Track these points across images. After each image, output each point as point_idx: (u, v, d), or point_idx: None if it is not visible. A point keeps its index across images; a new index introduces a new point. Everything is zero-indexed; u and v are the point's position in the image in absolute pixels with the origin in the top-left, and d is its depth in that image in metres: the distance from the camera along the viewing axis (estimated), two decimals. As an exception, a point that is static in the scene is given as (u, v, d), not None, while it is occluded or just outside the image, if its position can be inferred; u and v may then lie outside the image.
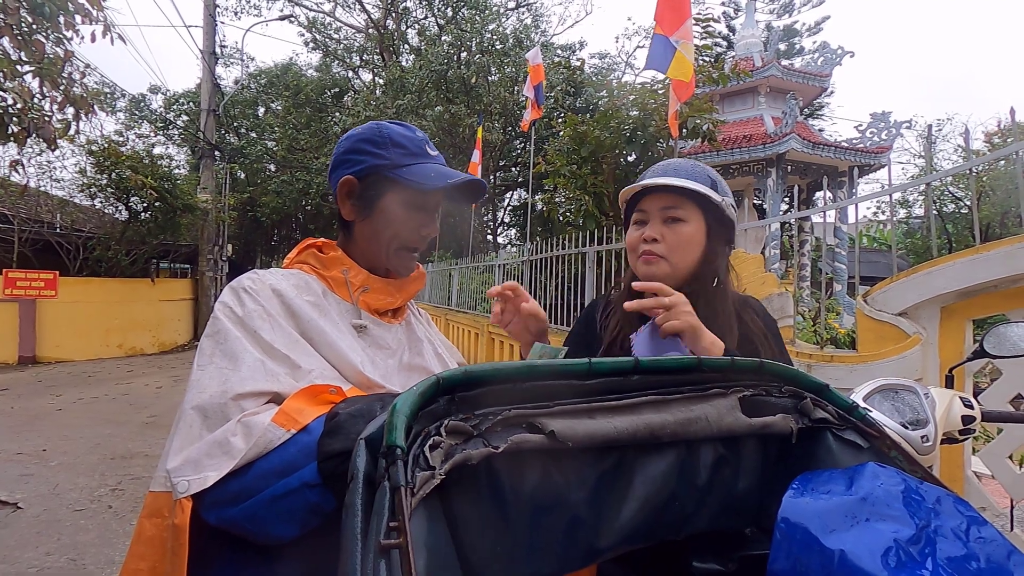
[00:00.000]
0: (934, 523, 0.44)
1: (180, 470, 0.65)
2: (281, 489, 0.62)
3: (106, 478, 4.14)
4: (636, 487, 0.54)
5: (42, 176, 10.75)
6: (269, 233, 20.55)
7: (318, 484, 0.61)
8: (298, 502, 0.61)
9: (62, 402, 6.64)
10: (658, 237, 1.06)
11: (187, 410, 0.69)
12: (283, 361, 0.74)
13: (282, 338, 0.76)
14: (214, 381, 0.70)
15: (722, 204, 1.06)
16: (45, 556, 2.95)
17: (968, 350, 2.11)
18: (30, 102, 4.66)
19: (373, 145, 0.89)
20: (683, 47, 3.27)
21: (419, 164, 0.89)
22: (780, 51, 18.35)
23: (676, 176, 1.06)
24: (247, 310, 0.77)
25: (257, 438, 0.64)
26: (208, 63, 12.78)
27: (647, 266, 1.08)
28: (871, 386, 1.23)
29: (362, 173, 0.90)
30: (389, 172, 0.88)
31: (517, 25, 16.94)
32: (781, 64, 11.68)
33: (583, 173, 5.40)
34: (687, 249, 1.06)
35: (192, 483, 0.63)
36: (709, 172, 1.10)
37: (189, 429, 0.68)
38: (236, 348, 0.73)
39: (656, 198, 1.08)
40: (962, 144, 13.52)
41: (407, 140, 0.91)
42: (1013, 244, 1.99)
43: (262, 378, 0.71)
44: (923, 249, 14.11)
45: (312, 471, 0.61)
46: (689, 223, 1.06)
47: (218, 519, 0.64)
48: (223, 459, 0.64)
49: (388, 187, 0.89)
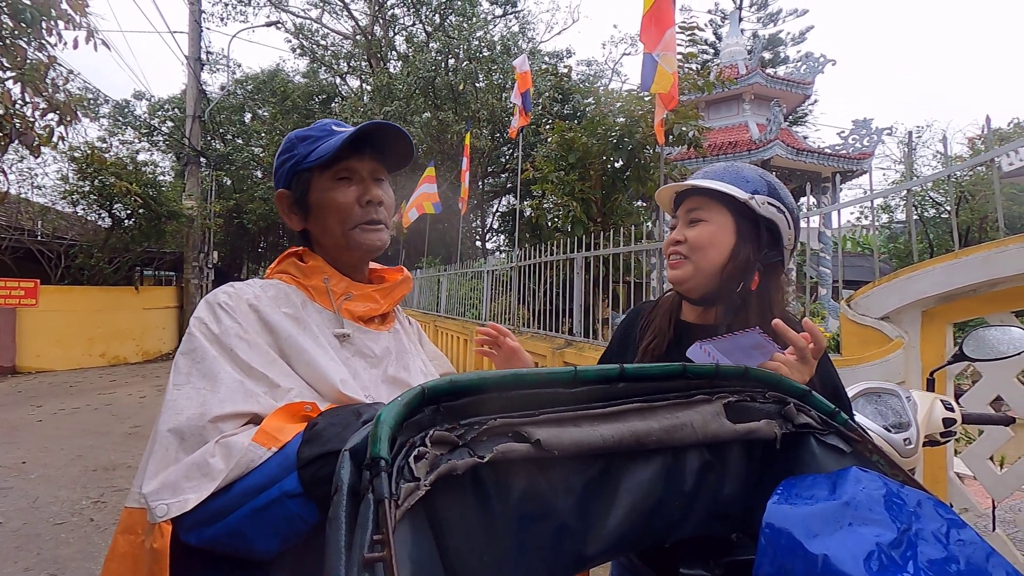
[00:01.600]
0: (915, 526, 0.44)
1: (158, 494, 0.63)
2: (262, 501, 0.61)
3: (88, 490, 4.06)
4: (622, 494, 0.54)
5: (23, 183, 10.59)
6: (256, 240, 20.38)
7: (299, 494, 0.60)
8: (280, 513, 0.61)
9: (42, 413, 6.51)
10: (680, 238, 1.06)
11: (163, 432, 0.67)
12: (261, 380, 0.73)
13: (259, 357, 0.75)
14: (192, 402, 0.69)
15: (750, 203, 1.01)
16: (24, 572, 2.88)
17: (949, 353, 2.15)
18: (11, 108, 4.59)
19: (285, 152, 0.90)
20: (664, 59, 3.33)
21: (322, 143, 0.88)
22: (765, 59, 18.63)
23: (705, 178, 1.05)
24: (224, 327, 0.76)
25: (238, 459, 0.63)
26: (194, 69, 12.68)
27: (672, 269, 1.08)
28: (855, 389, 1.24)
29: (287, 181, 0.90)
30: (302, 164, 0.88)
31: (505, 32, 17.05)
32: (765, 72, 11.86)
33: (571, 179, 5.44)
34: (708, 249, 1.03)
35: (171, 507, 0.62)
36: (755, 172, 1.05)
37: (165, 452, 0.66)
38: (214, 368, 0.72)
39: (687, 201, 1.08)
40: (941, 150, 13.80)
41: (311, 131, 0.91)
42: (991, 249, 2.03)
43: (241, 399, 0.70)
44: (905, 253, 14.33)
45: (293, 480, 0.60)
46: (711, 223, 1.04)
47: (199, 540, 0.63)
48: (203, 481, 0.63)
49: (309, 179, 0.88)
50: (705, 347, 0.94)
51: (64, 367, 9.83)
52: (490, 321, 1.37)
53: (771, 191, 1.03)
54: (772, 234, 1.03)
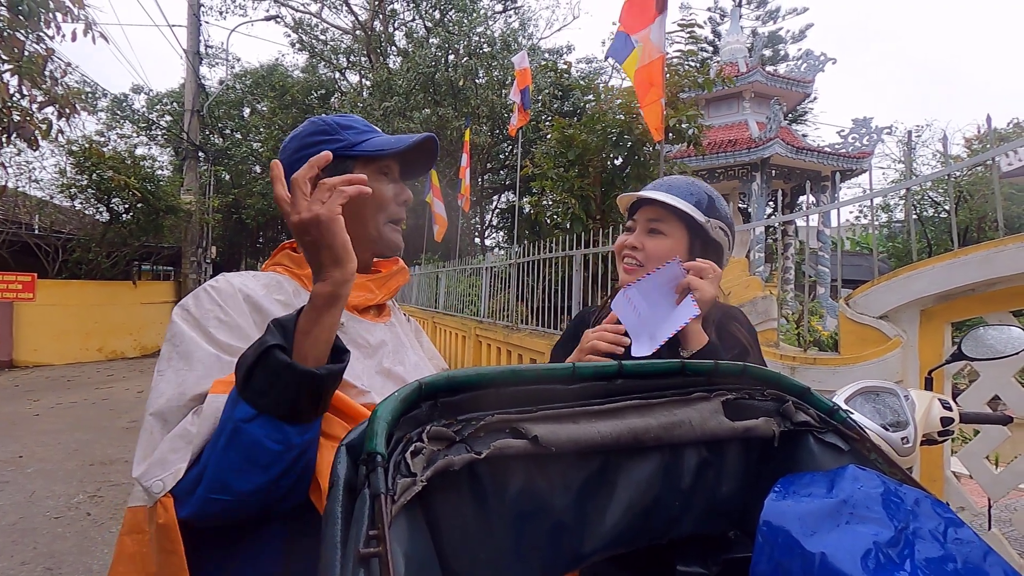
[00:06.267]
0: (913, 525, 0.44)
1: (148, 473, 0.64)
2: (223, 440, 0.62)
3: (84, 485, 4.06)
4: (620, 491, 0.54)
5: (20, 176, 10.55)
6: (254, 235, 20.34)
7: (252, 416, 0.61)
8: (242, 443, 0.62)
9: (39, 407, 6.50)
10: (638, 245, 1.13)
11: (147, 417, 0.69)
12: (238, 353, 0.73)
13: (238, 338, 0.75)
14: (171, 384, 0.70)
15: (706, 226, 1.10)
16: (20, 566, 2.88)
17: (947, 353, 2.15)
18: (9, 101, 4.57)
19: (325, 134, 0.89)
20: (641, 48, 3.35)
21: (376, 137, 0.90)
22: (765, 57, 18.60)
23: (668, 192, 1.12)
24: (203, 310, 0.76)
25: (204, 415, 0.65)
26: (192, 63, 12.63)
27: (626, 273, 1.15)
28: (853, 388, 1.24)
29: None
30: (351, 151, 0.87)
31: (504, 28, 16.98)
32: (765, 70, 11.85)
33: (570, 176, 5.43)
34: (663, 262, 1.09)
35: (166, 480, 0.63)
36: (706, 191, 1.14)
37: (150, 436, 0.67)
38: (190, 348, 0.72)
39: (647, 210, 1.15)
40: (941, 150, 13.81)
41: (354, 122, 0.91)
42: (989, 248, 2.03)
43: (218, 373, 0.70)
44: (904, 253, 14.37)
45: (243, 407, 0.62)
46: (669, 237, 1.12)
47: (191, 510, 0.63)
48: (187, 448, 0.64)
49: (354, 166, 0.87)
50: (627, 293, 1.03)
51: (61, 361, 9.82)
52: (488, 319, 1.37)
53: (719, 211, 1.14)
54: (716, 255, 1.14)
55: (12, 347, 9.39)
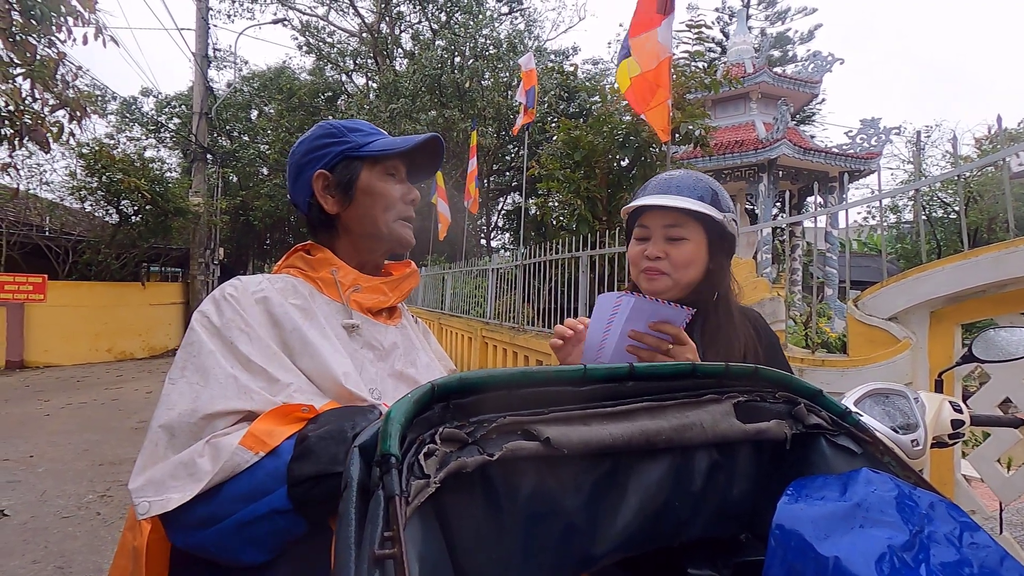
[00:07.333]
0: (927, 529, 0.44)
1: (142, 490, 0.62)
2: (249, 515, 0.60)
3: (94, 484, 4.09)
4: (631, 494, 0.54)
5: (32, 179, 10.66)
6: (262, 237, 20.43)
7: (288, 510, 0.59)
8: (267, 528, 0.60)
9: (50, 407, 6.56)
10: (661, 255, 1.09)
11: (154, 428, 0.67)
12: (259, 374, 0.72)
13: (260, 350, 0.73)
14: (184, 398, 0.68)
15: (723, 221, 1.08)
16: (32, 564, 2.91)
17: (957, 355, 2.13)
18: (21, 104, 4.62)
19: (332, 137, 0.90)
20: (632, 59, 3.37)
21: (382, 139, 0.92)
22: (773, 58, 18.52)
23: (678, 193, 1.08)
24: (225, 320, 0.75)
25: (224, 461, 0.62)
26: (200, 66, 12.72)
27: (650, 282, 1.11)
28: (862, 390, 1.23)
29: (332, 163, 0.90)
30: (358, 152, 0.89)
31: (510, 30, 17.00)
32: (773, 70, 11.78)
33: (576, 177, 5.42)
34: (689, 266, 1.08)
35: (153, 505, 0.61)
36: (711, 185, 1.11)
37: (154, 448, 0.66)
38: (208, 363, 0.70)
39: (658, 215, 1.10)
40: (950, 150, 13.70)
41: (361, 125, 0.94)
42: (1000, 250, 2.01)
43: (234, 395, 0.68)
44: (913, 254, 14.24)
45: (281, 497, 0.60)
46: (691, 241, 1.08)
47: (184, 543, 0.62)
48: (188, 481, 0.62)
49: (362, 167, 0.90)
50: (626, 299, 0.95)
51: (71, 362, 9.91)
52: (495, 320, 1.37)
53: (725, 202, 1.10)
54: (731, 248, 1.13)
55: (23, 348, 9.48)
